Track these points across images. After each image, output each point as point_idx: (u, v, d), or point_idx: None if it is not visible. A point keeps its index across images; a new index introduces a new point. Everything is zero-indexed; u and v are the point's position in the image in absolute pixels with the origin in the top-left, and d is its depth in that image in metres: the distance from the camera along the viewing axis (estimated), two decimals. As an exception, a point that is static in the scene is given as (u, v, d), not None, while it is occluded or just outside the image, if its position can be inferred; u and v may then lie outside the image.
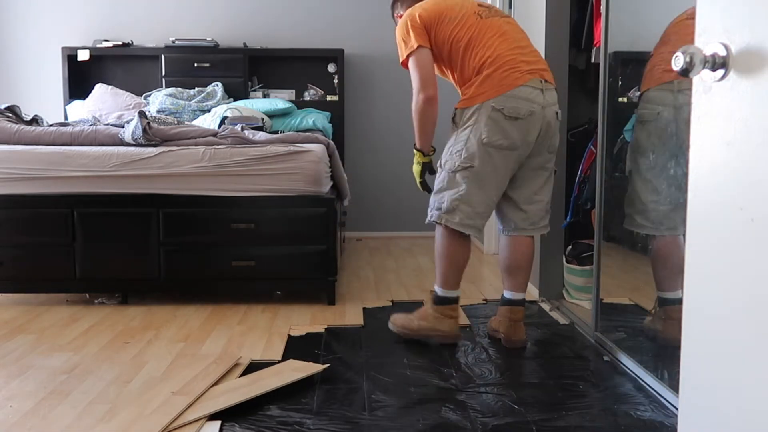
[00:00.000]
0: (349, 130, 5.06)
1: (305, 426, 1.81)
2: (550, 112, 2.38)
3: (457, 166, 2.37)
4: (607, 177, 2.47)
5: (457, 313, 2.50)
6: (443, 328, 2.47)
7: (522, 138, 2.34)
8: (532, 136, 2.35)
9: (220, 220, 3.02)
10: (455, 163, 2.37)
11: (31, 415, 1.88)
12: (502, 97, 2.30)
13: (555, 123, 2.42)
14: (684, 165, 1.91)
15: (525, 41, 2.45)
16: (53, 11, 4.93)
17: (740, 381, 0.96)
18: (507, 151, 2.34)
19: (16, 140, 3.11)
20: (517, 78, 2.31)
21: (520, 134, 2.33)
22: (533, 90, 2.32)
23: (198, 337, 2.61)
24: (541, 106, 2.34)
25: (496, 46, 2.35)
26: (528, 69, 2.34)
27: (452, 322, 2.48)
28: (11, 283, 3.06)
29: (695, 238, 1.07)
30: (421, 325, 2.50)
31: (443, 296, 2.47)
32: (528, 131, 2.34)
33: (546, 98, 2.36)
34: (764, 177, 0.90)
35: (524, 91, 2.31)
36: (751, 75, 0.92)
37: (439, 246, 2.45)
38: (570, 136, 3.21)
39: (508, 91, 2.30)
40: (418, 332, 2.50)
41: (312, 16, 5.03)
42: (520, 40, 2.43)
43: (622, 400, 1.99)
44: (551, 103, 2.39)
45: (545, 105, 2.36)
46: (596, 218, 2.53)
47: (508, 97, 2.30)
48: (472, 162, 2.34)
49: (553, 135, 2.43)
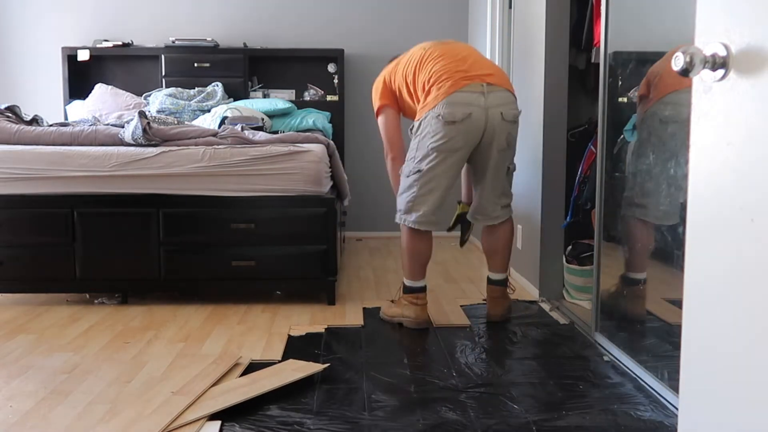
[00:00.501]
0: (349, 130, 5.06)
1: (305, 426, 1.81)
2: (494, 112, 2.57)
3: (410, 171, 2.66)
4: (607, 177, 2.47)
5: (423, 301, 2.74)
6: (410, 313, 2.73)
7: (463, 139, 2.57)
8: (473, 135, 2.58)
9: (220, 220, 3.02)
10: (409, 168, 2.67)
11: (31, 415, 1.88)
12: (439, 105, 2.55)
13: (501, 123, 2.59)
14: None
15: (471, 57, 2.69)
16: (53, 11, 4.93)
17: (740, 381, 0.96)
18: (449, 153, 2.58)
19: (16, 140, 3.11)
20: (452, 85, 2.56)
21: (461, 136, 2.56)
22: (470, 94, 2.55)
23: (198, 337, 2.61)
24: (483, 107, 2.55)
25: (437, 64, 2.63)
26: (463, 76, 2.58)
27: (418, 309, 2.73)
28: (11, 283, 3.06)
29: (695, 238, 1.07)
30: (395, 312, 2.80)
31: (409, 286, 2.76)
32: (468, 132, 2.56)
33: (489, 100, 2.56)
34: (764, 177, 0.90)
35: (460, 96, 2.54)
36: (751, 75, 0.92)
37: (402, 243, 2.75)
38: (570, 136, 3.21)
39: (445, 98, 2.55)
40: (393, 318, 2.80)
41: (312, 16, 5.03)
42: (463, 57, 2.67)
43: (622, 400, 1.99)
44: (496, 104, 2.58)
45: (488, 106, 2.56)
46: (596, 218, 2.53)
47: (446, 104, 2.54)
48: (420, 166, 2.62)
49: (500, 134, 2.61)
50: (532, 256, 3.27)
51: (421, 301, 2.73)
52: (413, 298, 2.74)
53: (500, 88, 2.60)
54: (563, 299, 3.11)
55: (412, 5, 5.05)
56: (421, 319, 2.72)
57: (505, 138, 2.63)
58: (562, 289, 3.14)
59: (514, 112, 2.65)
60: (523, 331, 2.68)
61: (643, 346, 2.25)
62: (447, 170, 2.61)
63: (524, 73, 3.41)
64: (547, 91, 3.05)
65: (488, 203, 2.74)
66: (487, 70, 2.64)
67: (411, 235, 2.70)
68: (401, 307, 2.77)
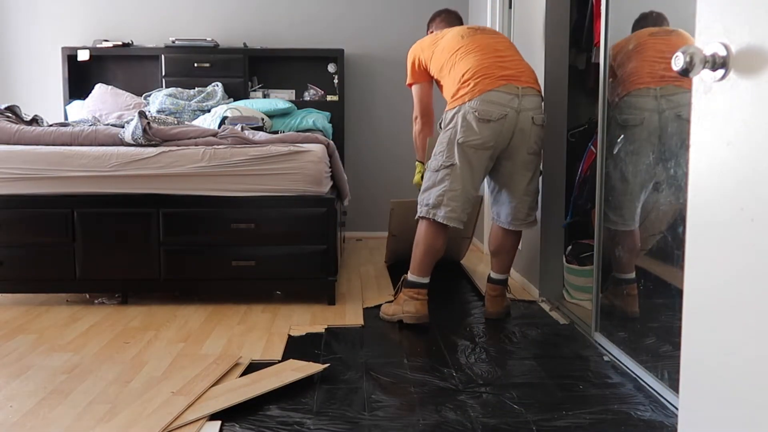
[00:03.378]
0: (349, 130, 5.06)
1: (305, 426, 1.81)
2: (525, 116, 2.60)
3: (440, 165, 2.65)
4: (607, 177, 2.47)
5: (423, 297, 2.75)
6: (410, 308, 2.74)
7: (494, 138, 2.59)
8: (504, 137, 2.60)
9: (220, 220, 3.02)
10: (438, 163, 2.66)
11: (31, 415, 1.87)
12: (475, 101, 2.57)
13: (531, 127, 2.62)
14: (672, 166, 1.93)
15: (506, 52, 2.71)
16: (53, 11, 4.93)
17: (741, 381, 0.96)
18: (481, 150, 2.60)
19: (16, 140, 3.11)
20: (490, 83, 2.57)
21: (492, 135, 2.58)
22: (506, 95, 2.57)
23: (198, 337, 2.61)
24: (515, 110, 2.58)
25: (473, 59, 2.64)
26: (501, 75, 2.59)
27: (418, 304, 2.74)
28: (11, 283, 3.06)
29: (695, 238, 1.07)
30: (394, 310, 2.82)
31: (413, 281, 2.76)
32: (500, 132, 2.59)
33: (522, 103, 2.59)
34: (764, 177, 0.90)
35: (495, 95, 2.56)
36: (751, 75, 0.92)
37: (420, 236, 2.72)
38: (570, 136, 3.21)
39: (481, 95, 2.56)
40: (393, 316, 2.81)
41: (312, 16, 5.03)
42: (499, 51, 2.69)
43: (622, 400, 1.99)
44: (527, 108, 2.60)
45: (520, 109, 2.59)
46: (596, 218, 2.53)
47: (482, 101, 2.56)
48: (452, 161, 2.62)
49: (529, 138, 2.64)
50: (532, 256, 3.27)
51: (421, 297, 2.75)
52: (415, 293, 2.75)
53: (533, 91, 2.64)
54: (563, 299, 3.11)
55: (412, 5, 5.05)
56: (421, 314, 2.74)
57: (535, 141, 2.67)
58: (562, 289, 3.14)
59: (543, 117, 2.70)
60: (523, 331, 2.68)
61: (642, 346, 2.25)
62: (478, 167, 2.63)
63: (524, 73, 3.41)
64: (547, 91, 3.05)
65: (523, 206, 2.75)
66: (523, 73, 2.66)
67: (432, 231, 2.69)
68: (401, 303, 2.79)
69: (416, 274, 2.76)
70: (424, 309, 2.75)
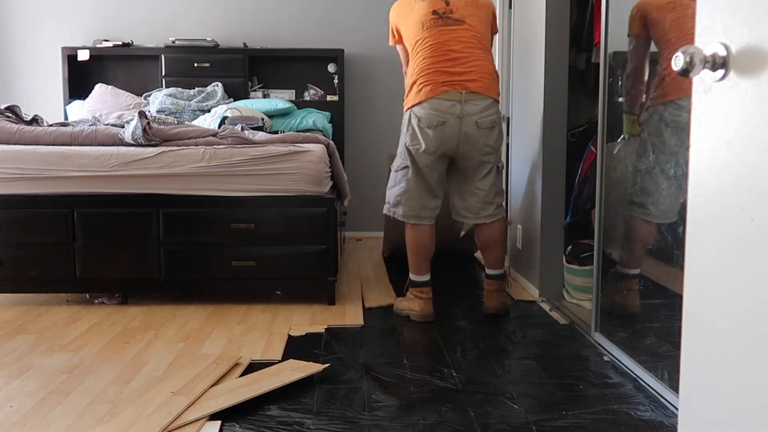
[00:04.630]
0: (349, 130, 5.06)
1: (305, 426, 1.81)
2: (469, 121, 2.65)
3: (398, 166, 2.81)
4: (607, 177, 2.47)
5: (427, 295, 2.83)
6: (415, 307, 2.83)
7: (436, 144, 2.67)
8: (447, 142, 2.67)
9: (220, 220, 3.02)
10: (397, 164, 2.82)
11: (31, 415, 1.87)
12: (417, 107, 2.68)
13: (476, 131, 2.66)
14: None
15: (461, 51, 2.70)
16: (53, 11, 4.93)
17: (740, 381, 0.96)
18: (426, 155, 2.70)
19: (16, 140, 3.11)
20: (431, 90, 2.64)
21: (434, 141, 2.66)
22: (446, 102, 2.63)
23: (198, 337, 2.61)
24: (457, 116, 2.63)
25: (424, 60, 2.69)
26: (444, 81, 2.64)
27: (422, 302, 2.82)
28: (11, 283, 3.06)
29: (695, 238, 1.07)
30: (404, 306, 2.90)
31: (413, 280, 2.88)
32: (441, 139, 2.66)
33: (465, 108, 2.64)
34: (764, 177, 0.90)
35: (435, 102, 2.64)
36: (751, 75, 0.92)
37: (407, 237, 2.85)
38: (570, 136, 3.21)
39: (423, 101, 2.65)
40: (402, 311, 2.90)
41: (312, 16, 5.03)
42: (453, 51, 2.68)
43: (622, 400, 1.99)
44: (470, 113, 2.65)
45: (462, 115, 2.64)
46: (596, 218, 2.53)
47: (422, 108, 2.66)
48: (406, 163, 2.75)
49: (477, 142, 2.69)
50: (532, 256, 3.27)
51: (425, 295, 2.83)
52: (418, 292, 2.84)
53: (479, 95, 2.66)
54: (563, 299, 3.11)
55: (412, 5, 5.04)
56: (425, 313, 2.81)
57: (485, 143, 2.71)
58: (562, 289, 3.14)
59: (491, 118, 2.70)
60: (523, 331, 2.68)
61: (642, 346, 2.25)
62: (429, 169, 2.73)
63: (524, 73, 3.41)
64: (547, 91, 3.05)
65: (478, 202, 2.80)
66: (472, 73, 2.67)
67: (409, 229, 2.83)
68: (408, 300, 2.88)
69: (414, 273, 2.87)
70: (428, 307, 2.82)
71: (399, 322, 2.82)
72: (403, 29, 2.84)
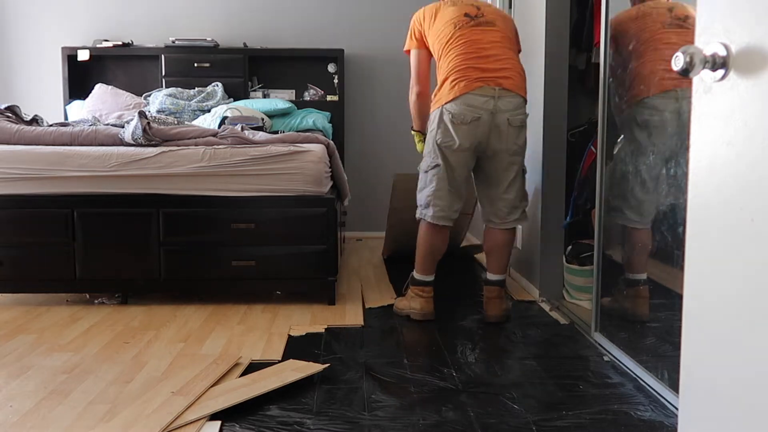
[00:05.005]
0: (349, 130, 5.06)
1: (305, 426, 1.81)
2: (501, 118, 2.64)
3: (428, 166, 2.75)
4: (607, 177, 2.47)
5: (428, 294, 2.84)
6: (416, 305, 2.83)
7: (469, 140, 2.64)
8: (479, 138, 2.65)
9: (220, 220, 3.02)
10: (426, 164, 2.76)
11: (31, 415, 1.87)
12: (451, 104, 2.64)
13: (507, 128, 2.66)
14: (683, 165, 1.93)
15: (492, 50, 2.68)
16: (53, 11, 4.93)
17: (740, 381, 0.96)
18: (458, 152, 2.67)
19: (16, 140, 3.11)
20: (465, 86, 2.62)
21: (466, 137, 2.64)
22: (480, 97, 2.61)
23: (198, 337, 2.61)
24: (490, 112, 2.62)
25: (456, 58, 2.66)
26: (478, 77, 2.62)
27: (423, 301, 2.83)
28: (11, 283, 3.06)
29: (695, 238, 1.07)
30: (404, 305, 2.90)
31: (417, 279, 2.86)
32: (474, 135, 2.64)
33: (498, 105, 2.63)
34: (764, 177, 0.90)
35: (469, 98, 2.61)
36: (751, 75, 0.92)
37: (421, 236, 2.82)
38: (570, 136, 3.21)
39: (457, 98, 2.62)
40: (402, 310, 2.90)
41: (312, 16, 5.03)
42: (485, 49, 2.67)
43: (622, 400, 1.99)
44: (503, 110, 2.64)
45: (495, 111, 2.63)
46: (596, 218, 2.53)
47: (456, 104, 2.63)
48: (436, 161, 2.71)
49: (507, 139, 2.67)
50: (532, 256, 3.27)
51: (426, 294, 2.84)
52: (420, 291, 2.84)
53: (512, 93, 2.65)
54: (563, 299, 3.11)
55: (413, 5, 5.02)
56: (426, 311, 2.82)
57: (514, 142, 2.69)
58: (562, 289, 3.14)
59: (521, 117, 2.70)
60: (523, 331, 2.68)
61: (643, 346, 2.25)
62: (459, 166, 2.70)
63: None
64: (547, 91, 3.05)
65: (504, 206, 2.77)
66: (505, 71, 2.66)
67: (430, 231, 2.79)
68: (409, 299, 2.88)
69: (420, 272, 2.85)
70: (429, 306, 2.83)
71: (399, 322, 2.82)
72: (430, 31, 2.80)
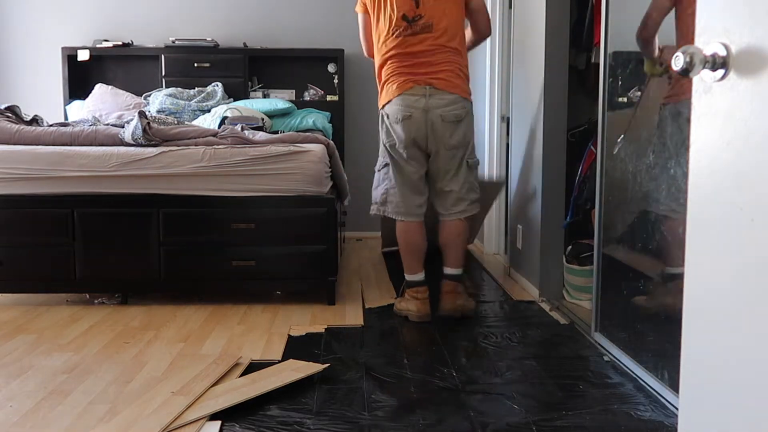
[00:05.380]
0: (349, 130, 5.06)
1: (305, 426, 1.81)
2: (434, 114, 2.72)
3: (380, 164, 2.87)
4: (607, 177, 2.47)
5: (423, 295, 2.83)
6: (411, 308, 2.83)
7: (407, 137, 2.74)
8: (416, 134, 2.74)
9: (220, 220, 3.02)
10: (379, 163, 2.88)
11: (31, 415, 1.87)
12: (387, 106, 2.79)
13: (442, 124, 2.73)
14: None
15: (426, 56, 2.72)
16: (53, 11, 4.93)
17: (740, 381, 0.96)
18: (401, 149, 2.77)
19: (16, 140, 3.11)
20: (398, 88, 2.74)
21: (404, 134, 2.74)
22: (411, 97, 2.72)
23: (198, 337, 2.61)
24: (422, 110, 2.72)
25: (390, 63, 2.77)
26: (409, 79, 2.73)
27: (419, 303, 2.81)
28: (11, 283, 3.06)
29: (695, 238, 1.07)
30: (402, 306, 2.90)
31: (408, 280, 2.90)
32: (410, 131, 2.73)
33: (429, 102, 2.72)
34: (764, 177, 0.90)
35: (403, 98, 2.73)
36: (751, 75, 0.92)
37: (398, 235, 2.87)
38: (570, 136, 3.21)
39: (391, 100, 2.76)
40: (401, 312, 2.89)
41: (312, 16, 5.03)
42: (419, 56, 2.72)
43: (622, 400, 1.99)
44: (436, 106, 2.72)
45: (428, 108, 2.72)
46: (596, 218, 2.53)
47: (391, 105, 2.76)
48: (386, 160, 2.83)
49: (443, 135, 2.74)
50: (532, 256, 3.27)
51: (421, 295, 2.83)
52: (414, 293, 2.84)
53: (444, 91, 2.72)
54: (563, 299, 3.11)
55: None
56: (422, 313, 2.80)
57: (451, 136, 2.75)
58: (562, 289, 3.14)
59: (456, 113, 2.74)
60: (523, 331, 2.68)
61: (642, 346, 2.25)
62: (407, 162, 2.78)
63: (524, 73, 3.41)
64: (547, 91, 3.05)
65: (450, 198, 2.82)
66: (438, 73, 2.73)
67: (400, 227, 2.85)
68: (406, 302, 2.88)
69: (408, 272, 2.89)
70: (424, 308, 2.81)
71: (399, 322, 2.82)
72: (373, 15, 2.83)
